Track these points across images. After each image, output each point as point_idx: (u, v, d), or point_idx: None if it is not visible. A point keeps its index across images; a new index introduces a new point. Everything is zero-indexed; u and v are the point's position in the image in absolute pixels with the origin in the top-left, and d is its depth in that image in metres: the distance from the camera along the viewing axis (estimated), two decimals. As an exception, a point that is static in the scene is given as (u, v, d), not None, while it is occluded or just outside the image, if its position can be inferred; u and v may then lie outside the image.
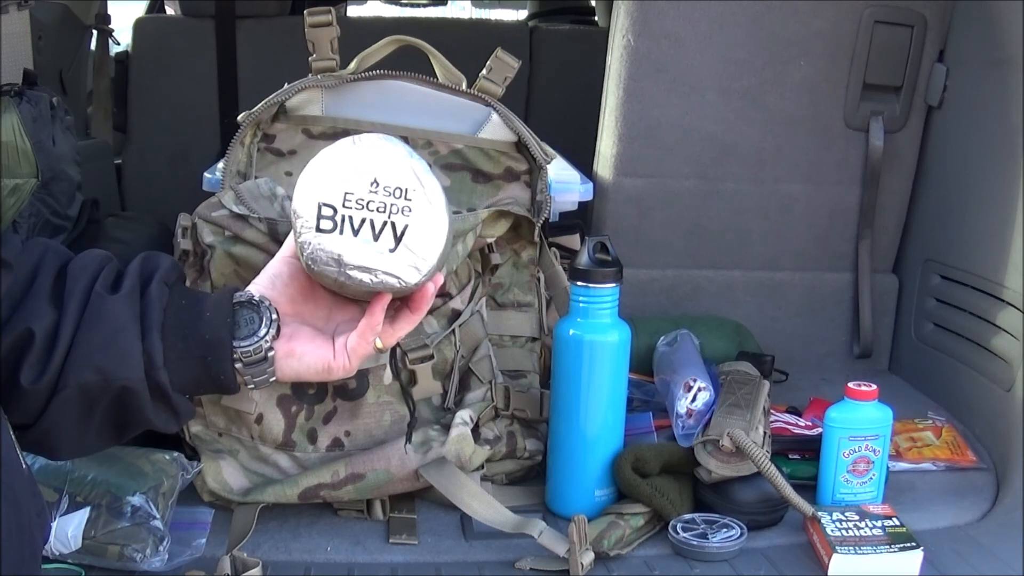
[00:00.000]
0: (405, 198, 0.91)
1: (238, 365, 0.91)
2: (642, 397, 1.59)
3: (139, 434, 1.37)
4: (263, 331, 0.92)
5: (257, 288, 0.96)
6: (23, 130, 1.64)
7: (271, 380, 0.94)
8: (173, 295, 0.92)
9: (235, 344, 0.91)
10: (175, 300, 0.92)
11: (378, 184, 0.90)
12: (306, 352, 0.95)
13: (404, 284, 0.91)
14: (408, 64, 1.44)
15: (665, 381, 1.52)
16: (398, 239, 0.91)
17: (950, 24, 1.76)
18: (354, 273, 0.91)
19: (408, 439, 1.28)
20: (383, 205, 0.90)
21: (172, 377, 0.89)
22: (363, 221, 0.90)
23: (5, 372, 0.85)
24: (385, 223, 0.90)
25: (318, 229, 0.90)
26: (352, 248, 0.90)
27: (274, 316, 0.93)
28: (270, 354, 0.92)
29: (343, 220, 0.90)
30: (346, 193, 0.90)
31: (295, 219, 0.91)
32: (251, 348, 0.91)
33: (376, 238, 0.91)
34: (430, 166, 0.93)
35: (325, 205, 0.90)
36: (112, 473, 1.17)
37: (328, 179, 0.91)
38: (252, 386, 0.93)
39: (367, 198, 0.90)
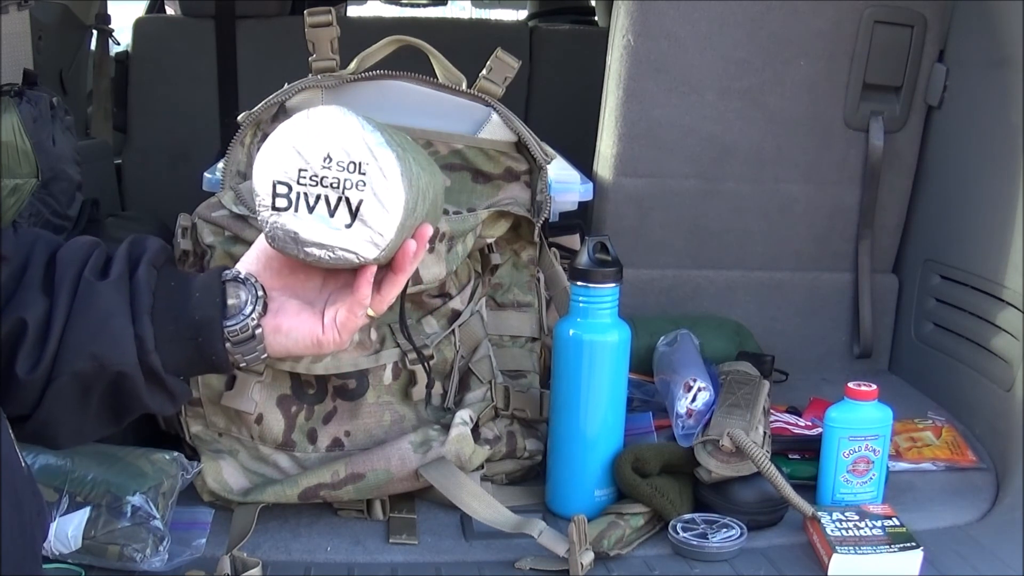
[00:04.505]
0: (359, 172, 0.88)
1: (228, 344, 0.91)
2: (642, 397, 1.59)
3: (139, 434, 1.37)
4: (248, 309, 0.91)
5: (244, 265, 0.95)
6: (23, 130, 1.64)
7: (263, 357, 0.93)
8: (162, 277, 0.92)
9: (223, 323, 0.91)
10: (164, 282, 0.91)
11: (331, 159, 0.88)
12: (293, 327, 0.94)
13: (363, 259, 0.90)
14: (408, 64, 1.44)
15: (665, 381, 1.52)
16: (354, 214, 0.89)
17: (950, 24, 1.76)
18: (311, 250, 0.89)
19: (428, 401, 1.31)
20: (337, 180, 0.88)
21: (165, 359, 0.89)
22: (318, 198, 0.88)
23: (1, 364, 0.85)
24: (340, 199, 0.88)
25: (274, 207, 0.89)
26: (308, 226, 0.89)
27: (259, 293, 0.92)
28: (257, 331, 0.92)
29: (298, 197, 0.88)
30: (300, 170, 0.88)
31: (254, 198, 0.90)
32: (237, 327, 0.91)
33: (332, 214, 0.89)
34: (390, 141, 0.90)
35: (280, 183, 0.88)
36: (112, 473, 1.17)
37: (282, 156, 0.89)
38: (244, 364, 0.93)
39: (320, 174, 0.88)
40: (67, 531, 1.12)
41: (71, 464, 1.17)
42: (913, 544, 1.19)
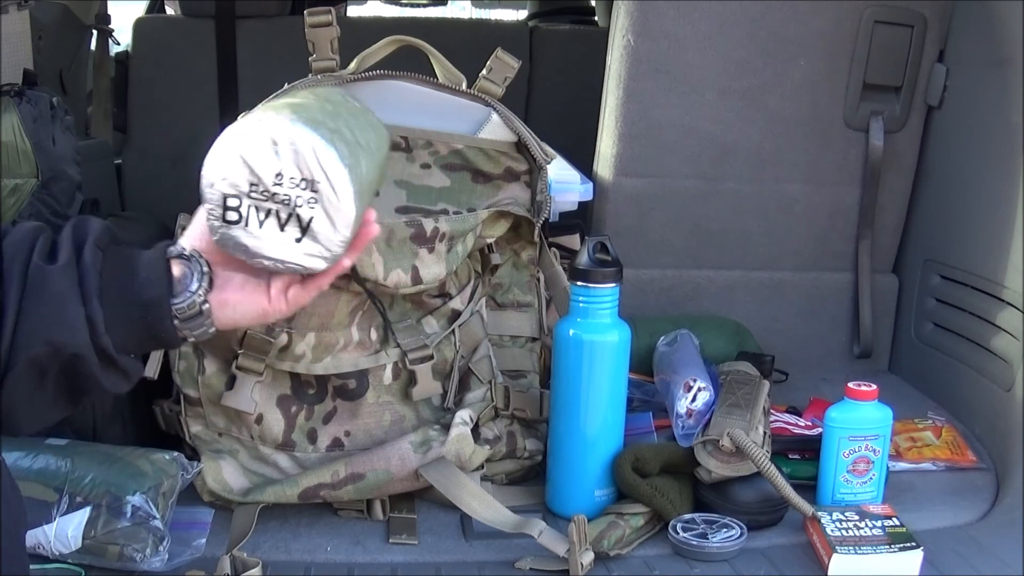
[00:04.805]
0: (311, 190, 0.89)
1: (176, 321, 0.91)
2: (642, 397, 1.59)
3: (139, 434, 1.37)
4: (195, 286, 0.92)
5: (189, 241, 0.95)
6: (23, 130, 1.64)
7: (211, 331, 0.94)
8: (107, 258, 0.91)
9: (170, 301, 0.91)
10: (109, 263, 0.91)
11: (282, 175, 0.88)
12: (239, 301, 0.95)
13: (310, 271, 0.92)
14: (408, 64, 1.44)
15: (665, 381, 1.52)
16: (304, 230, 0.89)
17: (950, 24, 1.76)
18: (260, 261, 0.90)
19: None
20: (288, 197, 0.89)
21: (115, 340, 0.89)
22: (268, 212, 0.89)
23: None
24: (291, 215, 0.89)
25: (224, 220, 0.89)
26: (257, 240, 0.90)
27: (205, 269, 0.93)
28: (204, 307, 0.92)
29: (248, 211, 0.89)
30: (251, 184, 0.89)
31: (204, 204, 0.91)
32: (185, 304, 0.91)
33: (282, 229, 0.89)
34: (343, 153, 0.90)
35: (231, 197, 0.89)
36: (112, 473, 1.17)
37: (233, 169, 0.89)
38: (192, 339, 0.94)
39: (272, 190, 0.89)
40: (67, 531, 1.12)
41: (71, 464, 1.17)
42: (913, 544, 1.19)
